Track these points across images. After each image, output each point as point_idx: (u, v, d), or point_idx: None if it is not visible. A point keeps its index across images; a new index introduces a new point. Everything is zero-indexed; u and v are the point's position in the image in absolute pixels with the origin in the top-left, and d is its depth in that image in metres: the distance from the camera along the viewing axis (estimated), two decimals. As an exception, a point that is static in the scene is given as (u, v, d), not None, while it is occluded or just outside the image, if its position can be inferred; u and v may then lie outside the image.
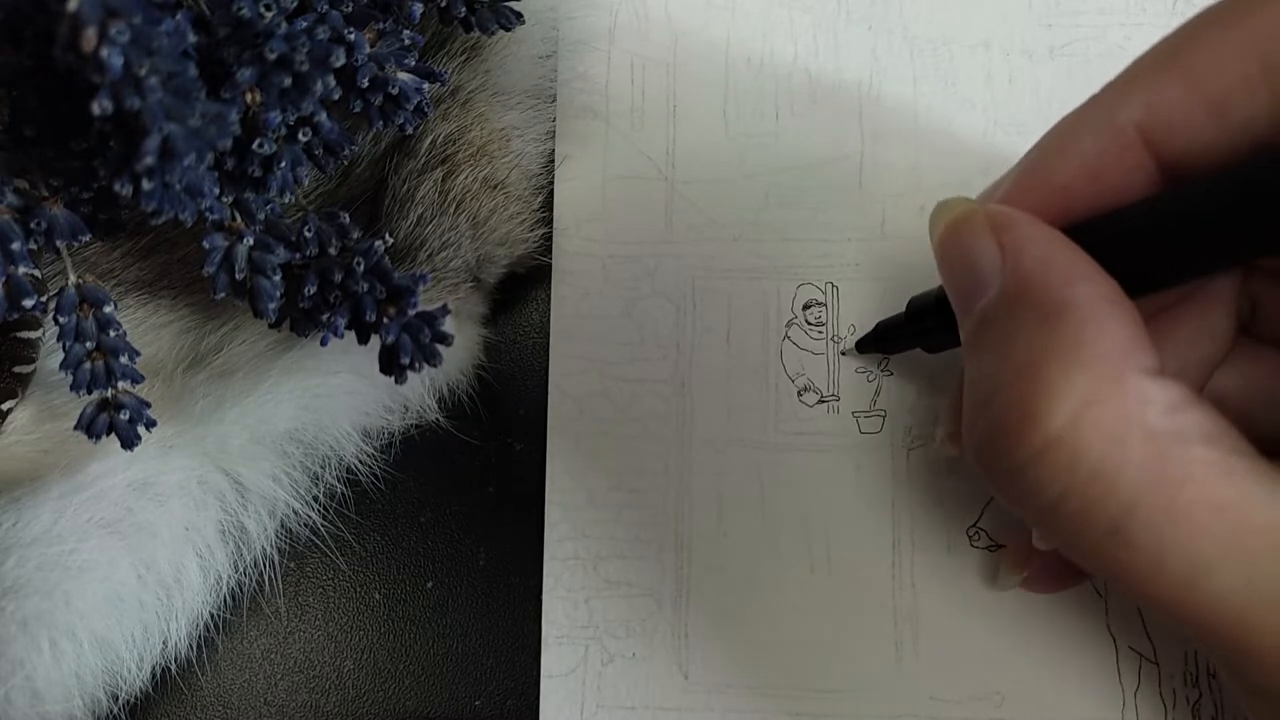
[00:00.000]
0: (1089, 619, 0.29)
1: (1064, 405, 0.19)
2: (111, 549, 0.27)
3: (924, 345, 0.28)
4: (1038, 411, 0.19)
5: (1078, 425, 0.19)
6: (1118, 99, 0.21)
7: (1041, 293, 0.20)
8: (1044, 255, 0.21)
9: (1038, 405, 0.19)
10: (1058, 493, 0.19)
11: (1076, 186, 0.22)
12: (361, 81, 0.23)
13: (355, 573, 0.31)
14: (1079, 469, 0.19)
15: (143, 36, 0.18)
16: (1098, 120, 0.22)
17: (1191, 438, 0.19)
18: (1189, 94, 0.20)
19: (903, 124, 0.32)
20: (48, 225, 0.23)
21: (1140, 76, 0.21)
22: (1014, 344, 0.20)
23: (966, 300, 0.22)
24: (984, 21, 0.33)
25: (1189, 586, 0.18)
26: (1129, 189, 0.21)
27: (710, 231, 0.32)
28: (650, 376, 0.31)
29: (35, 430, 0.27)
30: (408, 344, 0.23)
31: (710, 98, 0.33)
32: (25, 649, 0.27)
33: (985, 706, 0.29)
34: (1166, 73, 0.21)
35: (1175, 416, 0.19)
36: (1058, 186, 0.22)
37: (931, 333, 0.27)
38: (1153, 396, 0.19)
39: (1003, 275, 0.21)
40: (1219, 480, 0.18)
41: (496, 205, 0.30)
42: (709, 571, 0.30)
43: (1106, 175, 0.21)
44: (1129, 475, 0.18)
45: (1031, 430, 0.19)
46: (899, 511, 0.30)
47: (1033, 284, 0.20)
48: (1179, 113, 0.20)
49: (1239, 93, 0.20)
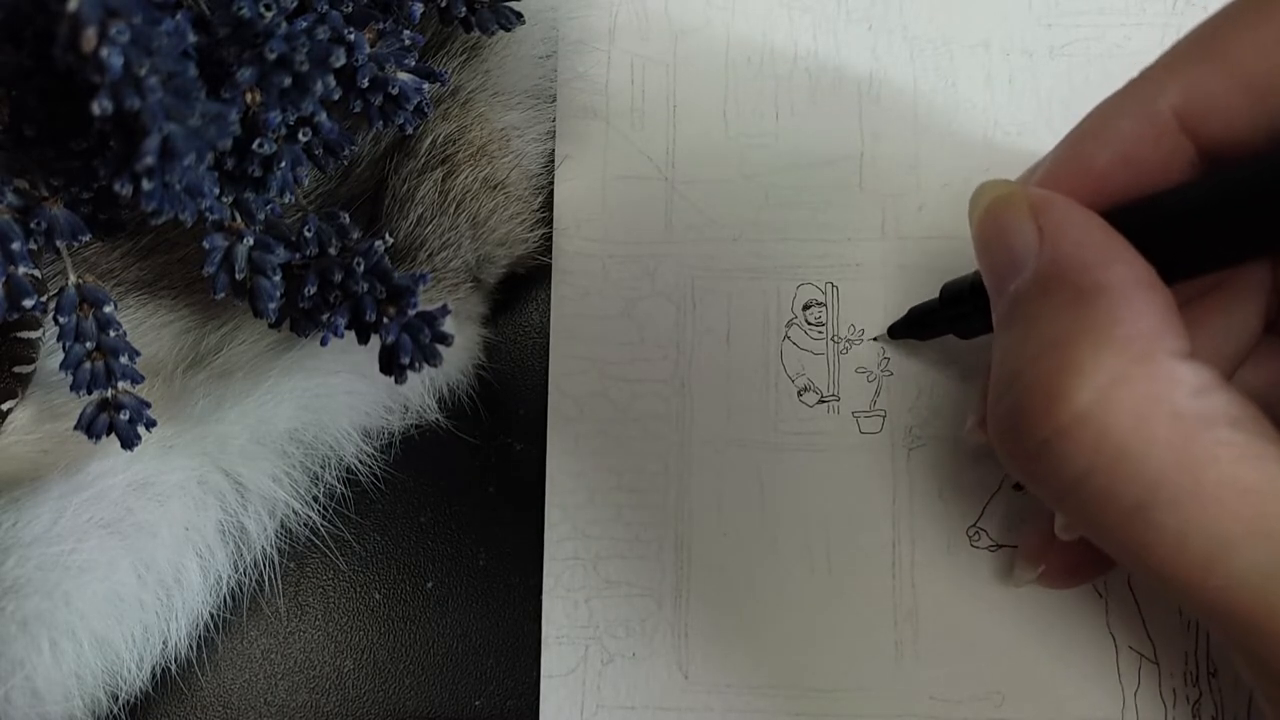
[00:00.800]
0: (1089, 619, 0.29)
1: (1092, 382, 0.19)
2: (111, 549, 0.27)
3: (957, 330, 0.28)
4: (1065, 387, 0.19)
5: (1105, 403, 0.19)
6: (1155, 84, 0.21)
7: (1076, 274, 0.20)
8: (1081, 237, 0.21)
9: (1066, 381, 0.19)
10: (1082, 470, 0.19)
11: (1114, 171, 0.22)
12: (361, 81, 0.23)
13: (355, 573, 0.31)
14: (1104, 446, 0.19)
15: (143, 36, 0.18)
16: (1135, 105, 0.22)
17: (1218, 420, 0.19)
18: (1227, 79, 0.20)
19: (903, 124, 0.32)
20: (48, 225, 0.23)
21: (1178, 61, 0.21)
22: (1045, 322, 0.20)
23: (1001, 280, 0.22)
24: (984, 21, 0.33)
25: (1210, 567, 0.18)
26: (1167, 174, 0.22)
27: (710, 231, 0.32)
28: (650, 376, 0.31)
29: (35, 430, 0.27)
30: (408, 344, 0.23)
31: (710, 98, 0.33)
32: (25, 649, 0.27)
33: (985, 706, 0.29)
34: (1205, 58, 0.21)
35: (1203, 399, 0.19)
36: (1095, 171, 0.22)
37: (966, 318, 0.27)
38: (1181, 378, 0.19)
39: (1039, 256, 0.21)
40: (1245, 463, 0.18)
41: (496, 205, 0.30)
42: (709, 571, 0.30)
43: (1144, 160, 0.22)
44: (1154, 454, 0.18)
45: (1058, 406, 0.19)
46: (899, 511, 0.30)
47: (1068, 265, 0.20)
48: (1217, 98, 0.20)
49: (1277, 77, 0.20)
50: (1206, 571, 0.18)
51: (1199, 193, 0.21)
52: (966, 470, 0.30)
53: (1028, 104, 0.32)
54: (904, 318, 0.30)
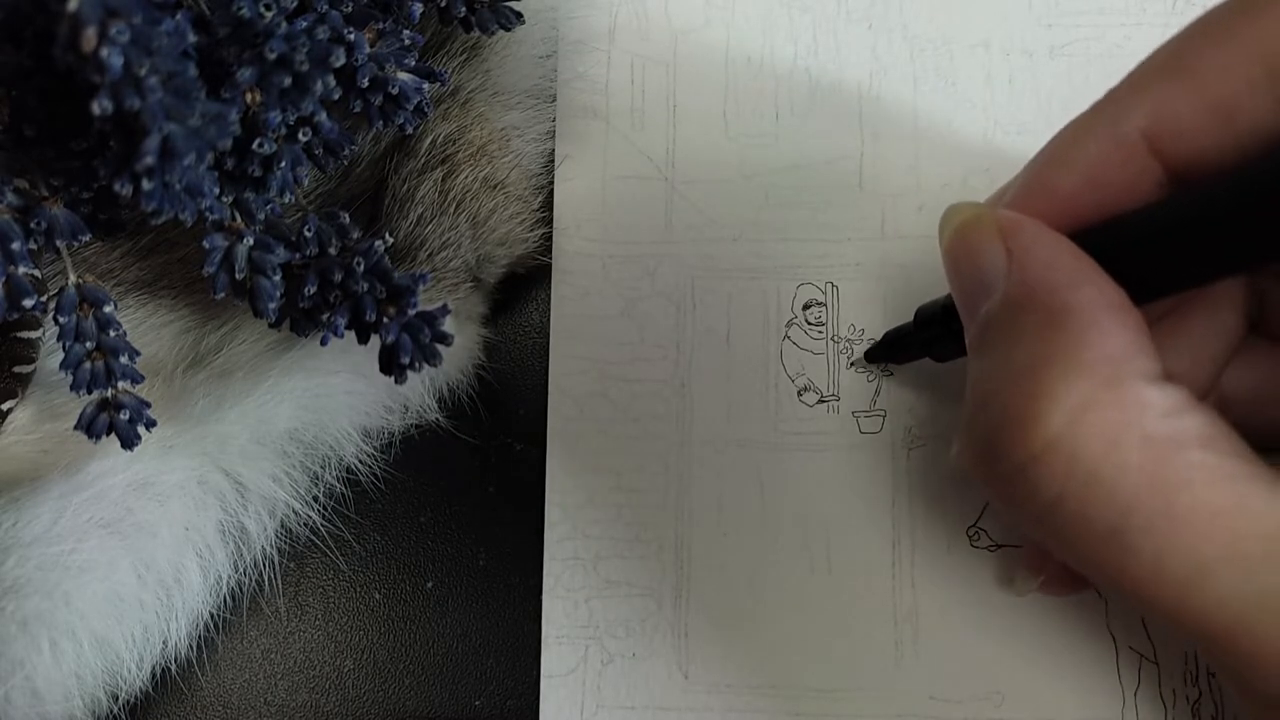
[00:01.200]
0: (1089, 619, 0.29)
1: (1061, 408, 0.19)
2: (111, 549, 0.27)
3: (932, 354, 0.28)
4: (1036, 414, 0.19)
5: (1074, 428, 0.19)
6: (1121, 105, 0.21)
7: (1045, 297, 0.20)
8: (1049, 260, 0.21)
9: (1036, 408, 0.19)
10: (1055, 496, 0.19)
11: (1081, 194, 0.22)
12: (361, 81, 0.23)
13: (355, 573, 0.31)
14: (1075, 472, 0.19)
15: (142, 36, 0.18)
16: (1101, 127, 0.21)
17: (1190, 442, 0.18)
18: (1194, 99, 0.20)
19: (903, 124, 0.32)
20: (48, 225, 0.23)
21: (1143, 82, 0.21)
22: (1015, 347, 0.20)
23: (972, 304, 0.22)
24: (984, 21, 0.33)
25: (1188, 591, 0.18)
26: (1135, 195, 0.21)
27: (710, 231, 0.32)
28: (650, 376, 0.31)
29: (35, 430, 0.27)
30: (408, 344, 0.23)
31: (710, 98, 0.33)
32: (25, 649, 0.27)
33: (985, 706, 0.29)
34: (1170, 78, 0.21)
35: (1173, 421, 0.19)
36: (1063, 194, 0.22)
37: (940, 341, 0.27)
38: (1151, 401, 0.19)
39: (1008, 279, 0.21)
40: (1218, 484, 0.18)
41: (496, 205, 0.30)
42: (709, 571, 0.30)
43: (1111, 182, 0.21)
44: (1127, 479, 0.18)
45: (1029, 433, 0.19)
46: (899, 511, 0.30)
47: (1036, 288, 0.20)
48: (1184, 118, 0.20)
49: (1244, 97, 0.20)
50: (1184, 595, 0.18)
51: (1167, 212, 0.20)
52: (966, 471, 0.30)
53: (1028, 104, 0.32)
54: (879, 342, 0.30)
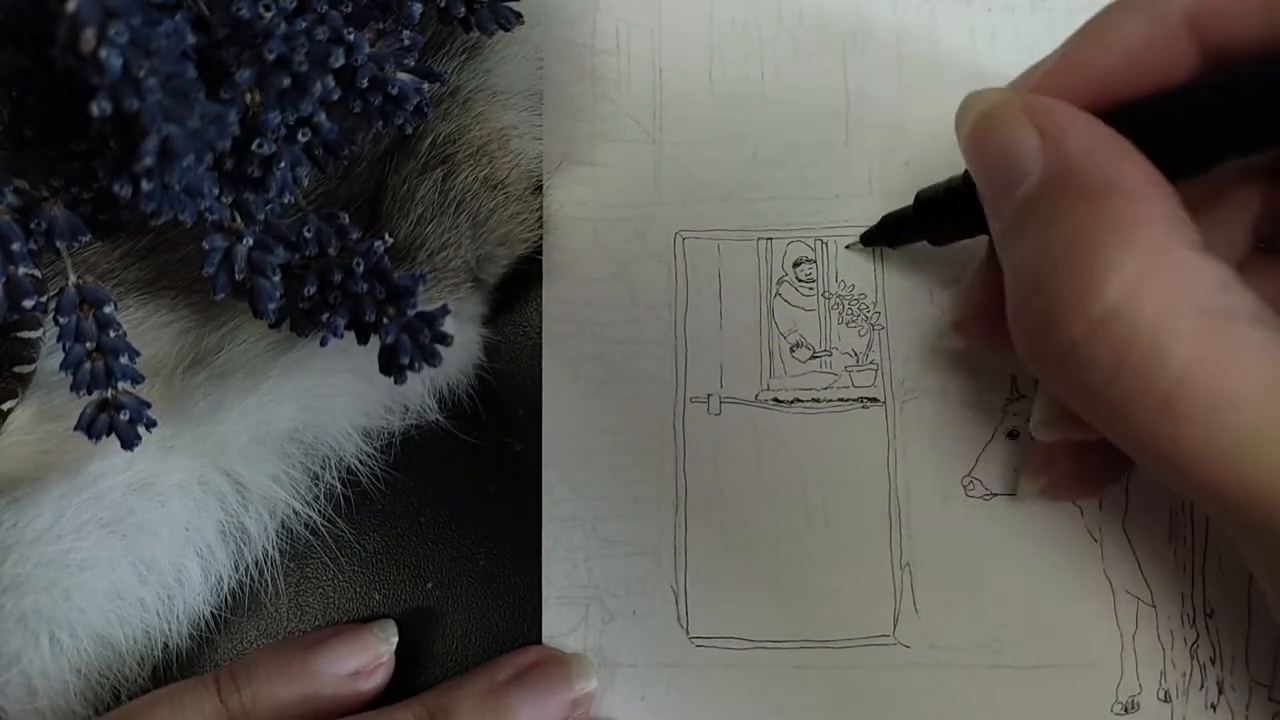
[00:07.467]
0: (1086, 564, 0.29)
1: (1120, 278, 0.19)
2: (112, 549, 0.27)
3: (930, 237, 0.28)
4: (1094, 285, 0.19)
5: (1134, 297, 0.19)
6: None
7: (1088, 174, 0.20)
8: (1085, 138, 0.21)
9: (1094, 279, 0.19)
10: (1112, 367, 0.19)
11: (1117, 73, 0.22)
12: (361, 82, 0.23)
13: (355, 573, 0.31)
14: (1135, 342, 0.19)
15: (141, 37, 0.18)
16: (1143, 6, 0.22)
17: (1241, 315, 0.19)
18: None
19: (887, 80, 0.32)
20: (48, 225, 0.23)
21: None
22: (1061, 225, 0.20)
23: (1005, 188, 0.22)
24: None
25: (1235, 461, 0.18)
26: (1168, 77, 0.21)
27: (699, 192, 0.32)
28: (643, 337, 0.31)
29: (35, 430, 0.27)
30: (407, 344, 0.23)
31: (695, 59, 0.33)
32: (22, 643, 0.27)
33: (985, 653, 0.29)
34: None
35: (1225, 294, 0.19)
36: (1098, 73, 0.22)
37: (939, 224, 0.28)
38: (1204, 272, 0.19)
39: (1045, 160, 0.21)
40: (1269, 358, 0.18)
41: (496, 205, 0.30)
42: (707, 528, 0.30)
43: (1149, 63, 0.21)
44: (1181, 349, 0.18)
45: (1088, 304, 0.19)
46: (894, 463, 0.30)
47: (1078, 166, 0.20)
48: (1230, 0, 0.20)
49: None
50: (1232, 466, 0.18)
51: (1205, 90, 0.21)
52: (960, 420, 0.30)
53: (1010, 58, 0.32)
54: (877, 225, 0.30)
